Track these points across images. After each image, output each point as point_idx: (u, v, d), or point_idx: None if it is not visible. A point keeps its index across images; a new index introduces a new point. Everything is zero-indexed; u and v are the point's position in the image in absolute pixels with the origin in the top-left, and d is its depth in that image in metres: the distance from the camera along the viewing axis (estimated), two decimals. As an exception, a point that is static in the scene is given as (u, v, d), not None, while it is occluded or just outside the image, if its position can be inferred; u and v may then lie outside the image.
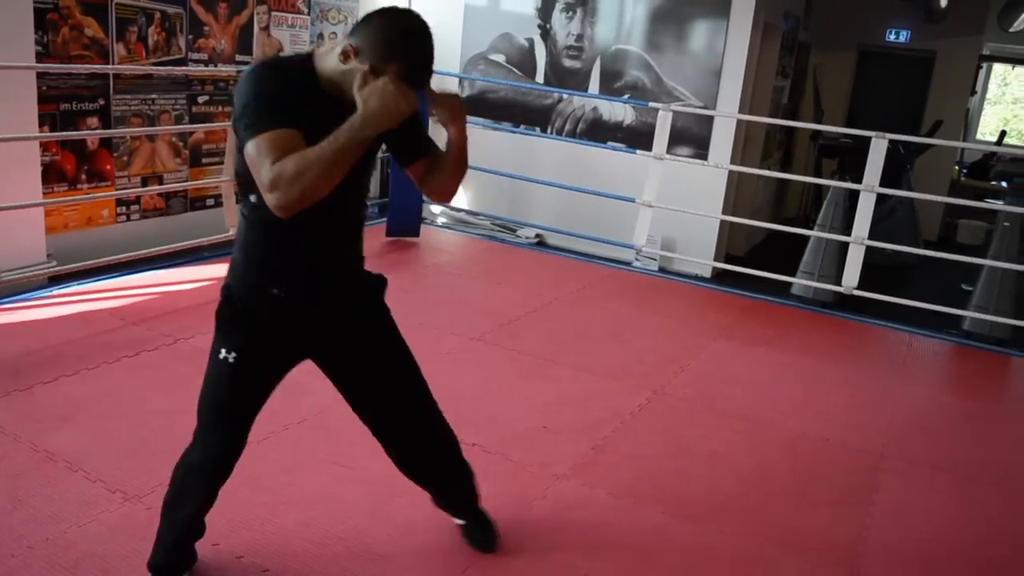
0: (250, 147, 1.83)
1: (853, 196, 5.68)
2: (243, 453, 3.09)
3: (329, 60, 1.92)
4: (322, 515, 2.82)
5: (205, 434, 2.25)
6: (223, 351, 2.14)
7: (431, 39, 1.91)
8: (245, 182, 1.96)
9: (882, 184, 5.43)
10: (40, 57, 4.75)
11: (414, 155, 2.20)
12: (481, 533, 2.71)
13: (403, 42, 1.86)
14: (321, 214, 1.91)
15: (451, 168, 2.16)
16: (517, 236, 7.09)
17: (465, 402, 3.83)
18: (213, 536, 2.62)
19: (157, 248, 5.27)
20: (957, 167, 10.11)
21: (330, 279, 2.18)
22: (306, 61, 1.97)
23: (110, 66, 5.18)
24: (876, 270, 6.03)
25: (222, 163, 5.78)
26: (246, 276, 2.13)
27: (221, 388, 2.19)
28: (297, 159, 1.77)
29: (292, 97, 1.88)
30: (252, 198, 1.98)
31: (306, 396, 3.57)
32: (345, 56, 1.86)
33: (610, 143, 6.74)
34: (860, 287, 5.49)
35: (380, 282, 2.35)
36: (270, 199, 1.79)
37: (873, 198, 5.44)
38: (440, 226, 7.32)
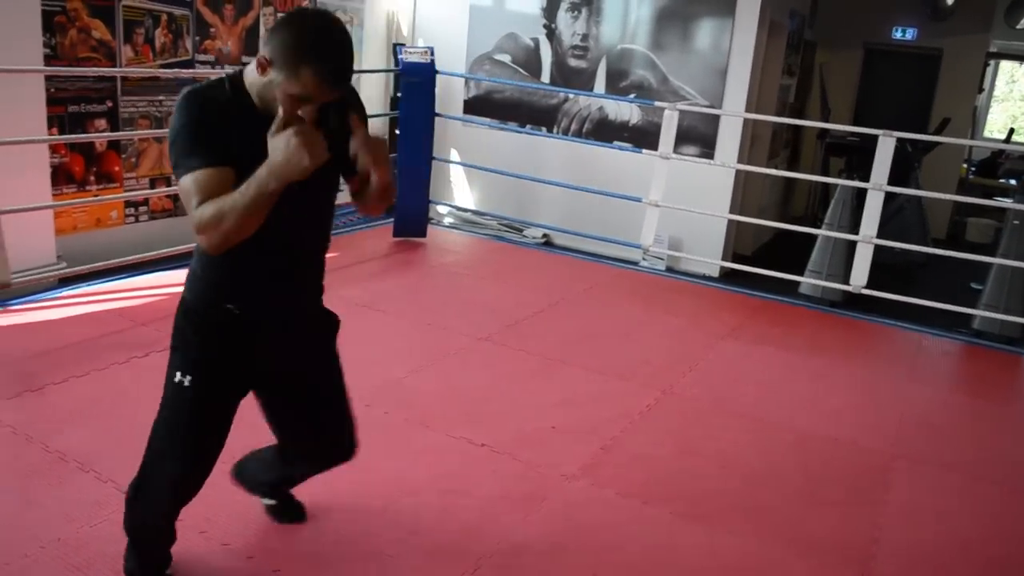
0: (181, 183, 1.87)
1: (861, 195, 5.67)
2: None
3: (251, 74, 1.91)
4: (331, 516, 2.82)
5: (159, 460, 2.19)
6: (178, 374, 2.10)
7: (343, 35, 1.85)
8: None
9: (890, 182, 5.41)
10: (48, 60, 4.76)
11: (349, 173, 2.11)
12: (290, 509, 2.74)
13: (311, 44, 1.79)
14: (277, 238, 1.94)
15: (375, 200, 2.10)
16: (524, 236, 7.09)
17: (473, 402, 3.84)
18: (223, 537, 2.63)
19: (166, 249, 5.27)
20: (965, 165, 10.07)
21: (286, 302, 2.18)
22: (236, 80, 1.95)
23: (117, 68, 5.20)
24: (884, 269, 6.02)
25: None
26: (204, 289, 2.11)
27: (179, 413, 2.13)
28: (214, 207, 1.81)
29: (221, 123, 1.88)
30: None
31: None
32: (261, 68, 1.83)
33: (616, 143, 6.73)
34: (868, 286, 5.47)
35: (334, 321, 2.34)
36: (198, 239, 1.88)
37: (881, 196, 5.42)
38: (447, 226, 7.33)
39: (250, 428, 2.35)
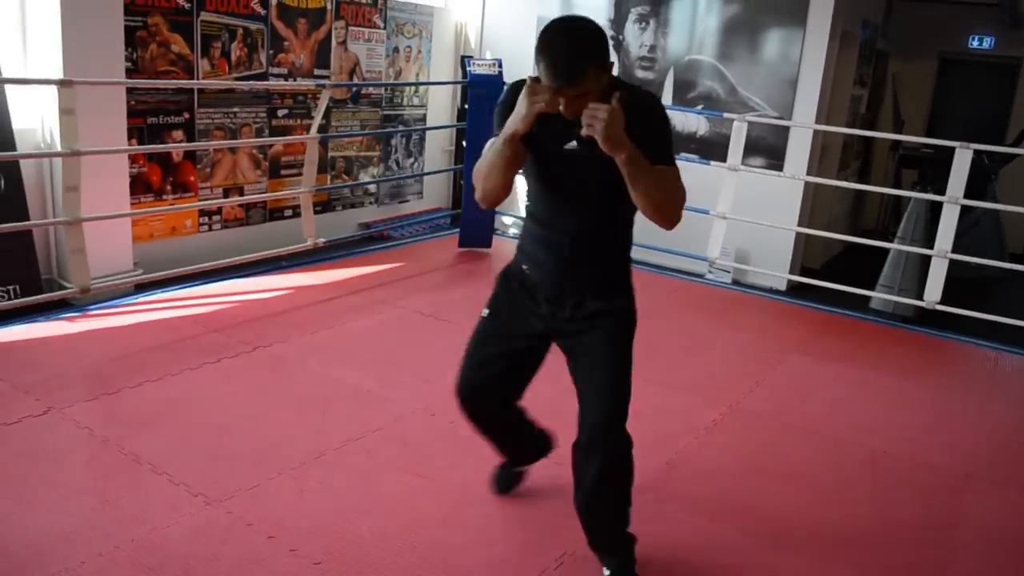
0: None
1: (934, 208, 5.52)
2: (320, 460, 3.15)
3: None
4: (397, 524, 2.85)
5: (462, 366, 2.66)
6: (485, 309, 2.61)
7: (562, 37, 2.07)
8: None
9: (966, 195, 5.27)
10: (129, 73, 4.93)
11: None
12: None
13: (539, 43, 2.07)
14: (550, 215, 2.37)
15: (632, 191, 2.15)
16: (588, 247, 7.06)
17: (538, 414, 3.81)
18: (291, 542, 2.67)
19: (237, 257, 5.40)
20: (1045, 177, 9.75)
21: (557, 276, 2.42)
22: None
23: (195, 81, 5.36)
24: (959, 284, 5.85)
25: (301, 175, 5.90)
26: (515, 251, 2.56)
27: (473, 337, 2.64)
28: (481, 160, 2.26)
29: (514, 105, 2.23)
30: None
31: (382, 405, 3.62)
32: None
33: (683, 154, 6.67)
34: (943, 301, 5.33)
35: (617, 313, 2.44)
36: None
37: (957, 210, 5.27)
38: (511, 237, 7.34)
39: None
